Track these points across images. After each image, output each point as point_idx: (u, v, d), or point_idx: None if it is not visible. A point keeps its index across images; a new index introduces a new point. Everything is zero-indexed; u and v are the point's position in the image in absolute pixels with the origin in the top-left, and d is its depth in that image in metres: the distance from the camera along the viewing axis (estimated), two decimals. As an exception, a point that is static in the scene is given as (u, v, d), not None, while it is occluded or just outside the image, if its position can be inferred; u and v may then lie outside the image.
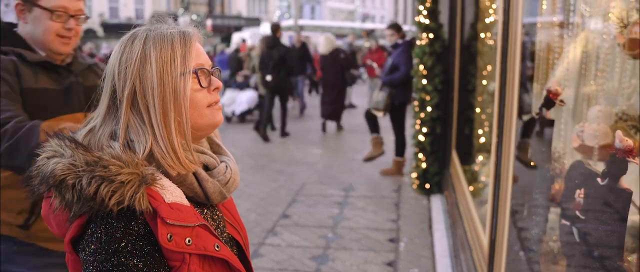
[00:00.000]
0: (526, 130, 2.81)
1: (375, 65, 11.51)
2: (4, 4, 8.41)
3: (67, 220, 1.10)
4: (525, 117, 2.74)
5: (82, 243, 1.11)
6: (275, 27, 10.16)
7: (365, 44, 19.65)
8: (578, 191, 1.88)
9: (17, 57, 2.04)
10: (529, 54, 2.77)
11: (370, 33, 21.55)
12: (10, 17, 9.46)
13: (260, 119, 10.21)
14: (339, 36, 28.28)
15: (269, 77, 9.62)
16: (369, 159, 7.42)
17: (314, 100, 15.19)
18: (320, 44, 10.75)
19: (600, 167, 1.76)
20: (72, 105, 2.12)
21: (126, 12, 40.55)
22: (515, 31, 2.73)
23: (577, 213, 1.88)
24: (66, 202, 1.07)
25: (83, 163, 1.08)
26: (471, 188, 4.52)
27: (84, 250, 1.10)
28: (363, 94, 14.06)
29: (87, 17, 2.20)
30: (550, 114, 2.26)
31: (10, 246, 2.10)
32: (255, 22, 36.66)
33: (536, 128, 2.61)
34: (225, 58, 14.99)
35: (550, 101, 2.23)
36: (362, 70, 17.73)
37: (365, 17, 54.25)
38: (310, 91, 17.69)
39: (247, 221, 5.22)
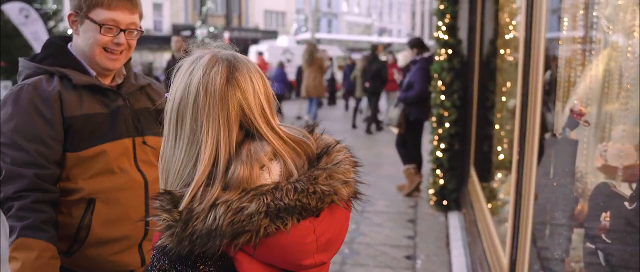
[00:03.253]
0: (548, 149, 2.77)
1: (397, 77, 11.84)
2: (24, 15, 8.51)
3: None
4: (547, 135, 2.70)
5: None
6: (374, 47, 13.45)
7: (382, 57, 19.63)
8: (604, 214, 1.84)
9: (61, 79, 1.93)
10: (550, 71, 2.74)
11: (387, 47, 21.56)
12: (29, 28, 9.58)
13: (367, 118, 12.86)
14: (356, 50, 28.27)
15: (366, 84, 12.40)
16: (409, 193, 6.94)
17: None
18: (400, 59, 13.58)
19: (624, 187, 1.73)
20: (118, 130, 1.99)
21: (144, 23, 40.74)
22: (538, 47, 2.70)
23: (602, 235, 1.84)
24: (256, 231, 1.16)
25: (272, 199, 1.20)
26: (490, 206, 4.47)
27: None
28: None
29: (142, 31, 2.05)
30: (573, 133, 2.23)
31: None
32: (272, 35, 36.76)
33: (558, 147, 2.58)
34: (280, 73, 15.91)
35: (574, 121, 2.20)
36: None
37: (382, 31, 54.28)
38: None
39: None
